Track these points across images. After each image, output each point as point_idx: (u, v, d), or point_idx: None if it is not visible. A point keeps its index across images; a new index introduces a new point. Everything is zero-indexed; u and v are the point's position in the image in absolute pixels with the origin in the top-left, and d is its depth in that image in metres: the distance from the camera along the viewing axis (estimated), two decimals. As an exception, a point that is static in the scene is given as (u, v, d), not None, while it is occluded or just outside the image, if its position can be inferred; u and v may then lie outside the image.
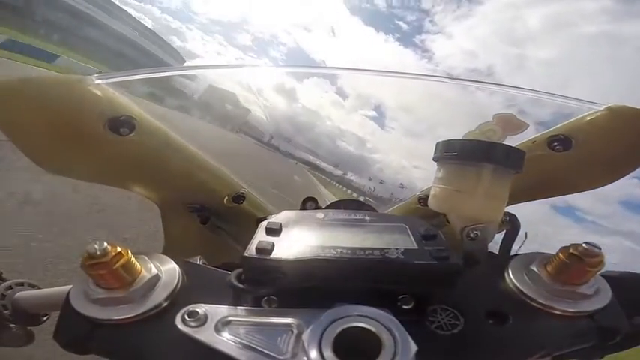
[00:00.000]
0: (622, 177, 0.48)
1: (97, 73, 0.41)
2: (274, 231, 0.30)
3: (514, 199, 0.38)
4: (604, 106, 0.42)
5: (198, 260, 0.63)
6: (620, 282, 0.31)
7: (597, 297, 0.29)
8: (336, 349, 0.20)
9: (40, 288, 0.37)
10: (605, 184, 0.50)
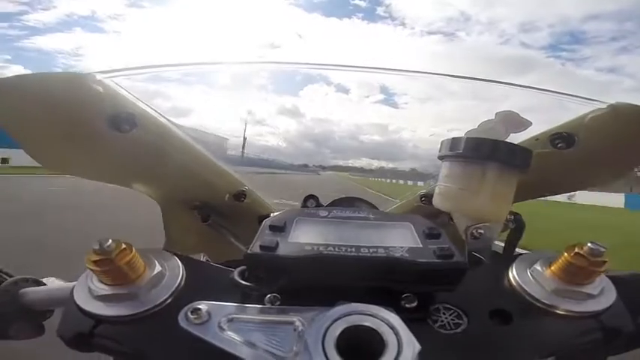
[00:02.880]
0: (625, 175, 0.48)
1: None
2: (278, 228, 0.30)
3: (516, 197, 0.38)
4: (607, 104, 0.41)
5: (201, 257, 0.64)
6: (625, 282, 0.31)
7: (602, 297, 0.29)
8: (339, 348, 0.20)
9: (45, 284, 0.37)
10: (609, 182, 0.49)
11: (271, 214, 0.36)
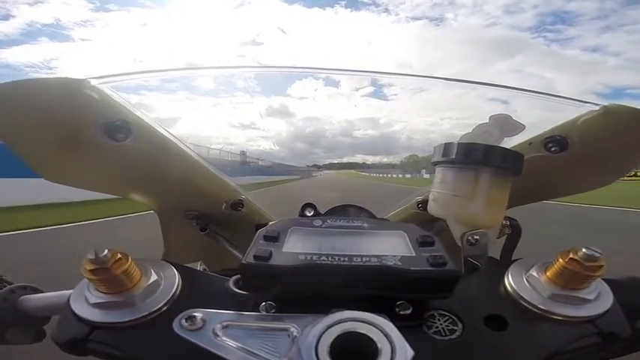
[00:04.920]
0: (619, 177, 0.47)
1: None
2: (272, 238, 0.31)
3: (510, 203, 0.38)
4: (600, 106, 0.41)
5: (199, 266, 0.64)
6: (622, 286, 0.31)
7: (598, 302, 0.28)
8: (332, 354, 0.20)
9: (42, 292, 0.37)
10: (603, 185, 0.49)
11: (268, 224, 0.36)
